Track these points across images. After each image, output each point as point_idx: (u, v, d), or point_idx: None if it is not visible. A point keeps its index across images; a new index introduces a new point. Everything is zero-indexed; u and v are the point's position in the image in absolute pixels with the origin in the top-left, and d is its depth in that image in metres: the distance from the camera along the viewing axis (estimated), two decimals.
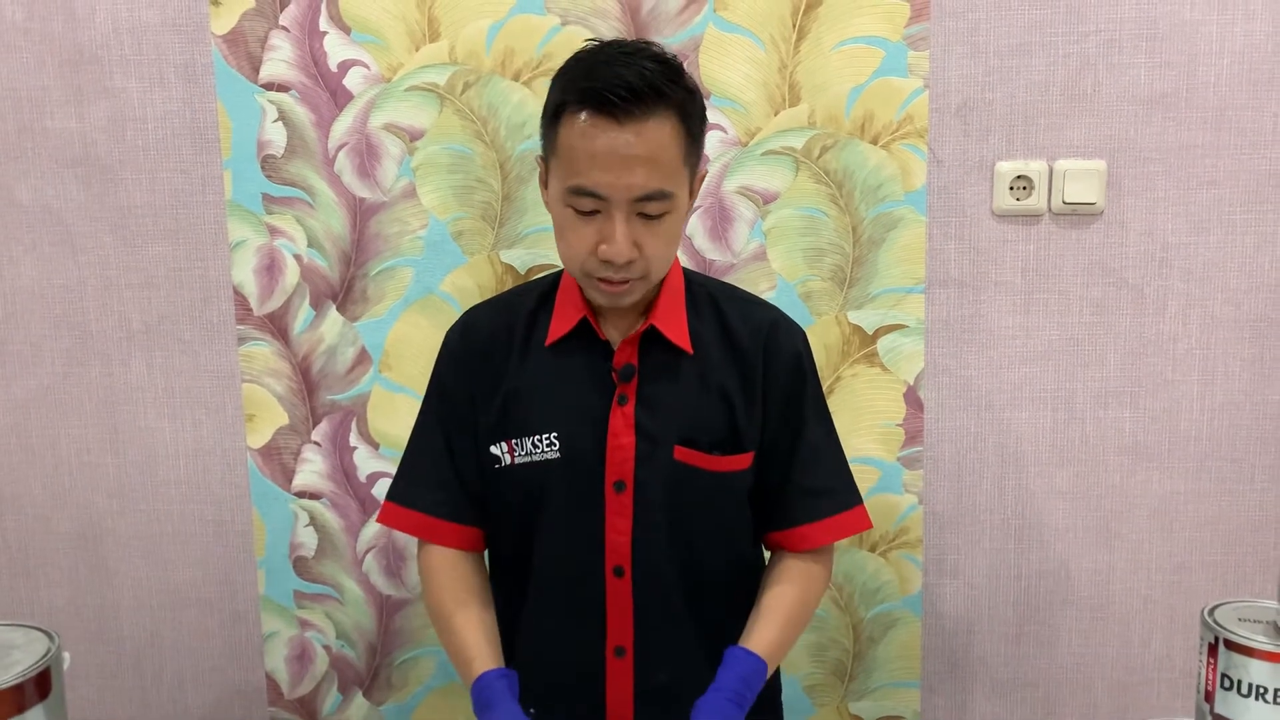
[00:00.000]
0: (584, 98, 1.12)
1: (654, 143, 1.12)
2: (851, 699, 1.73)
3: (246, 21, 1.58)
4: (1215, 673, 0.97)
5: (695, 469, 1.26)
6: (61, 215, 1.64)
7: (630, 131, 1.11)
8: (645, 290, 1.22)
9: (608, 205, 1.14)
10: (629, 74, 1.11)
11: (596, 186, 1.13)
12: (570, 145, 1.14)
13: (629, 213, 1.14)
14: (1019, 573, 1.69)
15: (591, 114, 1.11)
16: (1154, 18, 1.55)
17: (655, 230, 1.16)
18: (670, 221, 1.17)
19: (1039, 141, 1.58)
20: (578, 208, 1.15)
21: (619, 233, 1.13)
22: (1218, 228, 1.60)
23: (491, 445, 1.28)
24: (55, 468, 1.71)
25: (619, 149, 1.11)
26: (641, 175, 1.12)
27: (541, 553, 1.29)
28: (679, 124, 1.15)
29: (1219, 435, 1.65)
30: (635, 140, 1.11)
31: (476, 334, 1.31)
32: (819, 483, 1.30)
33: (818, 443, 1.31)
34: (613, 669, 1.28)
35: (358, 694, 1.75)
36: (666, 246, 1.19)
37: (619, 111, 1.10)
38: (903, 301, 1.62)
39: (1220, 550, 1.68)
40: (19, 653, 0.92)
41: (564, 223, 1.18)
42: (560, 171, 1.16)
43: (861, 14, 1.55)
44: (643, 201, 1.14)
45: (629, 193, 1.12)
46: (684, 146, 1.16)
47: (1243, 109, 1.56)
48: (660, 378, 1.26)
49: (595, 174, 1.12)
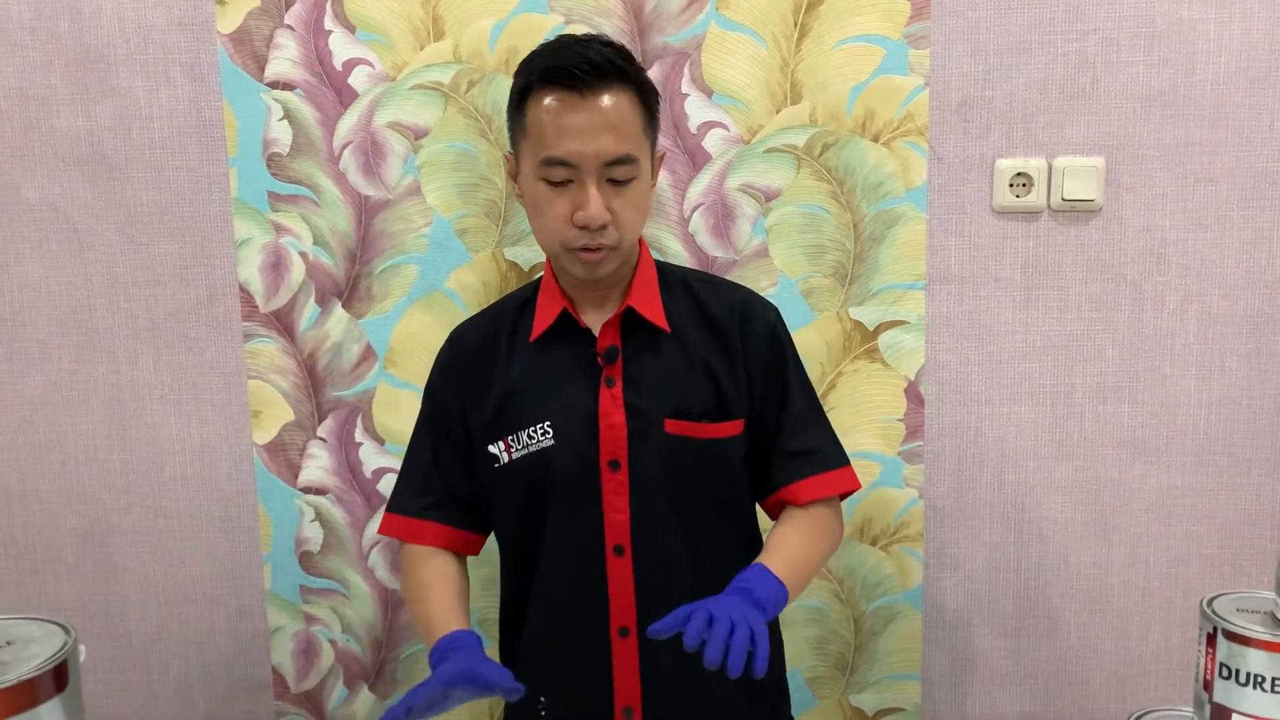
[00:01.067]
0: (548, 76, 1.21)
1: (616, 112, 1.21)
2: (852, 691, 1.74)
3: (252, 20, 1.59)
4: (1214, 662, 0.98)
5: (688, 439, 1.29)
6: (68, 213, 1.65)
7: (594, 102, 1.20)
8: (619, 261, 1.28)
9: (579, 173, 1.22)
10: (588, 53, 1.21)
11: (568, 155, 1.21)
12: (539, 122, 1.22)
13: (599, 178, 1.22)
14: (1019, 566, 1.71)
15: (557, 90, 1.21)
16: (1152, 16, 1.56)
17: (624, 196, 1.24)
18: (637, 188, 1.25)
19: (1038, 139, 1.60)
20: (550, 179, 1.23)
21: (592, 196, 1.21)
22: (1215, 224, 1.61)
23: (489, 446, 1.32)
24: (62, 464, 1.72)
25: (586, 118, 1.20)
26: (609, 141, 1.21)
27: (546, 540, 1.32)
28: (636, 98, 1.24)
29: (1216, 430, 1.66)
30: (600, 109, 1.20)
31: (464, 346, 1.38)
32: (806, 445, 1.35)
33: (802, 409, 1.37)
34: (618, 650, 1.30)
35: (363, 688, 1.76)
36: (635, 214, 1.26)
37: (582, 85, 1.20)
38: (903, 298, 1.63)
39: (1218, 543, 1.69)
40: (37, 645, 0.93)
41: (538, 199, 1.25)
42: (531, 150, 1.24)
43: (862, 12, 1.56)
44: (612, 166, 1.22)
45: (598, 158, 1.21)
46: (642, 119, 1.25)
47: (1240, 106, 1.58)
48: (643, 356, 1.31)
49: (566, 143, 1.20)
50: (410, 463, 1.40)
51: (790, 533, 1.31)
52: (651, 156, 1.29)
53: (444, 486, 1.36)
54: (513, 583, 1.37)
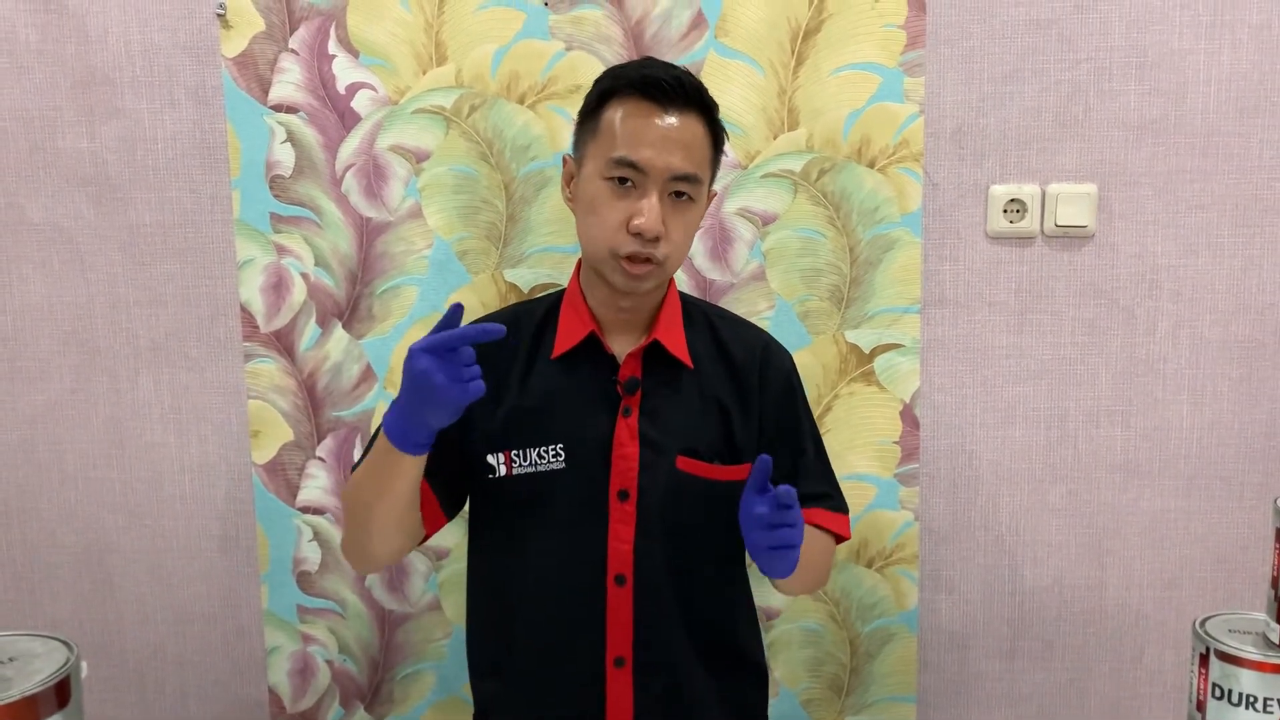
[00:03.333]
0: (635, 84, 1.24)
1: (691, 132, 1.24)
2: (848, 713, 1.74)
3: (256, 44, 1.61)
4: (1206, 683, 0.99)
5: (696, 478, 1.29)
6: (72, 234, 1.66)
7: (674, 117, 1.24)
8: (659, 281, 1.29)
9: (644, 180, 1.23)
10: (678, 74, 1.24)
11: (640, 159, 1.22)
12: (615, 123, 1.24)
13: (663, 191, 1.23)
14: (1013, 588, 1.72)
15: (641, 98, 1.24)
16: (1143, 46, 1.59)
17: (681, 216, 1.25)
18: (692, 212, 1.27)
19: (1032, 166, 1.62)
20: (616, 177, 1.23)
21: (653, 205, 1.22)
22: (1206, 251, 1.63)
23: (488, 455, 1.30)
24: (62, 483, 1.72)
25: (664, 130, 1.23)
26: (680, 156, 1.22)
27: (539, 564, 1.30)
28: (708, 128, 1.27)
29: (1208, 453, 1.68)
30: (677, 125, 1.23)
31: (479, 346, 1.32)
32: (816, 490, 1.38)
33: (812, 459, 1.40)
34: (612, 679, 1.29)
35: (359, 708, 1.76)
36: (686, 236, 1.28)
37: (666, 101, 1.23)
38: (899, 321, 1.65)
39: (1210, 566, 1.70)
40: (39, 662, 0.93)
41: (597, 199, 1.25)
42: (600, 149, 1.25)
43: (859, 41, 1.59)
44: (677, 181, 1.23)
45: (667, 170, 1.22)
46: (710, 148, 1.28)
47: (1230, 135, 1.60)
48: (662, 390, 1.31)
49: (640, 148, 1.22)
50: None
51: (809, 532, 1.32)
52: (708, 189, 1.31)
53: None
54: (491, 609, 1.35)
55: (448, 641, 1.73)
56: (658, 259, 1.24)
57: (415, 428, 1.14)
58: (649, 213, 1.22)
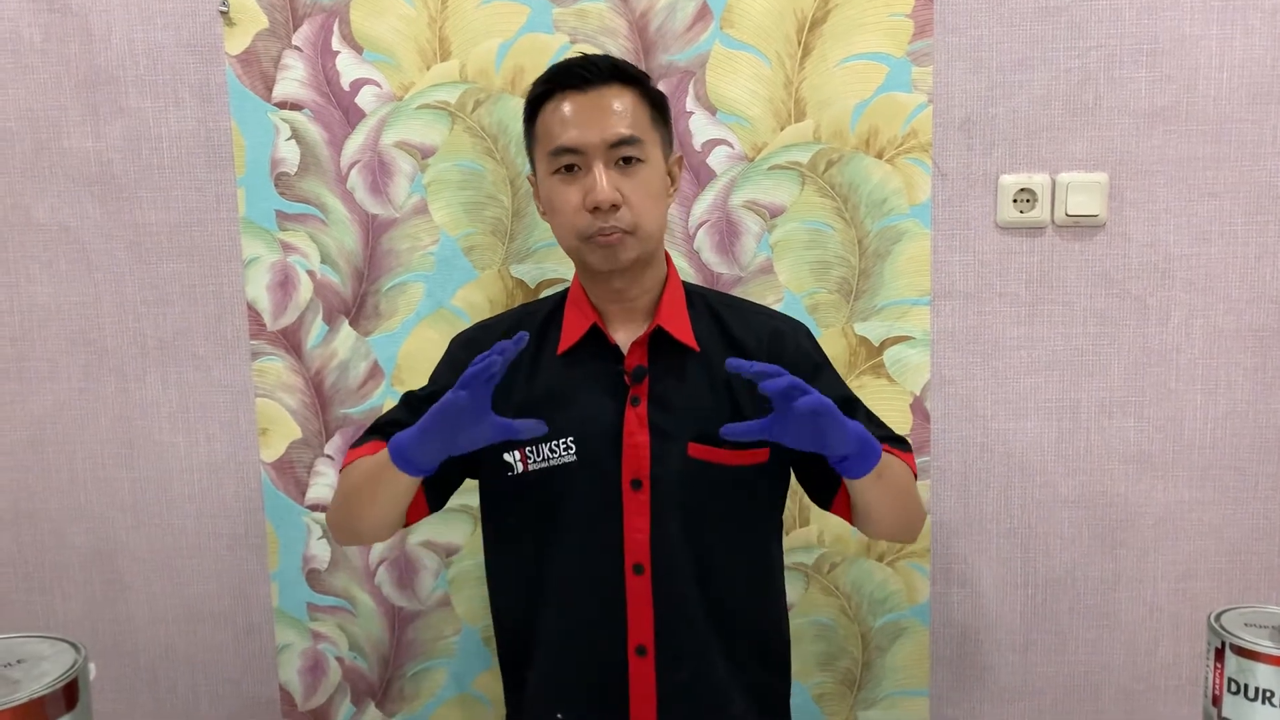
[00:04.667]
0: (551, 80, 1.29)
1: (618, 101, 1.27)
2: (860, 708, 1.74)
3: (260, 41, 1.60)
4: (1222, 677, 0.98)
5: (709, 464, 1.29)
6: (78, 233, 1.66)
7: (595, 94, 1.26)
8: (640, 250, 1.28)
9: (585, 159, 1.25)
10: (590, 58, 1.30)
11: (571, 141, 1.25)
12: (546, 121, 1.28)
13: (606, 160, 1.25)
14: (1025, 581, 1.71)
15: (560, 90, 1.27)
16: (1154, 33, 1.57)
17: (633, 179, 1.27)
18: (646, 173, 1.28)
19: (1041, 155, 1.60)
20: (561, 167, 1.26)
21: (599, 176, 1.24)
22: (1219, 239, 1.62)
23: (504, 454, 1.31)
24: (71, 482, 1.73)
25: (588, 106, 1.26)
26: (611, 123, 1.25)
27: (560, 557, 1.31)
28: (639, 95, 1.29)
29: (1222, 444, 1.66)
30: (601, 98, 1.26)
31: (484, 348, 1.32)
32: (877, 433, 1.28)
33: (864, 419, 1.32)
34: (635, 669, 1.30)
35: (370, 705, 1.76)
36: (647, 198, 1.28)
37: (581, 81, 1.27)
38: (908, 313, 1.64)
39: (1225, 558, 1.69)
40: (47, 664, 0.93)
41: (552, 196, 1.29)
42: (542, 151, 1.29)
43: (866, 31, 1.57)
44: (617, 148, 1.25)
45: (603, 141, 1.25)
46: (648, 112, 1.30)
47: (1243, 122, 1.58)
48: (670, 377, 1.31)
49: (569, 131, 1.26)
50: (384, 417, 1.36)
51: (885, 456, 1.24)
52: (663, 149, 1.32)
53: None
54: (517, 594, 1.36)
55: (458, 638, 1.73)
56: (624, 227, 1.26)
57: (428, 458, 1.18)
58: (596, 185, 1.24)
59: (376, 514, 1.27)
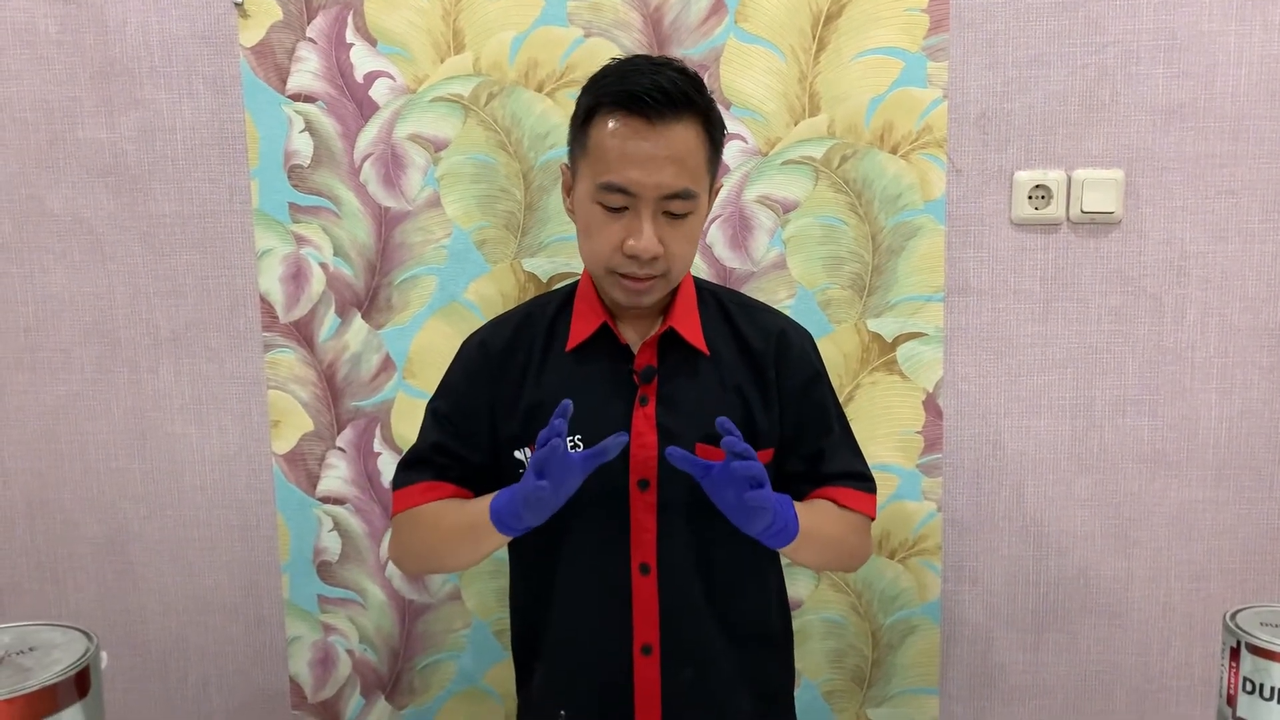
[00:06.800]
0: (618, 100, 1.18)
1: (682, 145, 1.18)
2: (870, 705, 1.73)
3: (274, 34, 1.60)
4: (1238, 677, 0.97)
5: None
6: (92, 224, 1.67)
7: (661, 133, 1.17)
8: (665, 291, 1.27)
9: (636, 202, 1.19)
10: (661, 80, 1.17)
11: (628, 183, 1.18)
12: (602, 144, 1.19)
13: (655, 210, 1.20)
14: (1037, 579, 1.70)
15: (625, 115, 1.18)
16: (1172, 28, 1.56)
17: (679, 229, 1.22)
18: (692, 223, 1.23)
19: (1057, 151, 1.59)
20: (607, 204, 1.20)
21: (646, 228, 1.19)
22: (1236, 236, 1.60)
23: (515, 452, 1.31)
24: (84, 473, 1.73)
25: (650, 148, 1.17)
26: (670, 174, 1.18)
27: (567, 555, 1.31)
28: (703, 131, 1.21)
29: (1237, 443, 1.65)
30: (665, 141, 1.18)
31: (494, 350, 1.34)
32: (846, 468, 1.37)
33: (839, 439, 1.38)
34: (640, 667, 1.29)
35: (380, 698, 1.76)
36: (687, 247, 1.25)
37: (651, 113, 1.17)
38: (922, 310, 1.63)
39: (1239, 557, 1.68)
40: (59, 651, 0.93)
41: (591, 221, 1.23)
42: (590, 171, 1.21)
43: (881, 25, 1.57)
44: (669, 200, 1.19)
45: (658, 190, 1.18)
46: (707, 152, 1.23)
47: (1260, 118, 1.57)
48: (679, 378, 1.30)
49: (627, 171, 1.18)
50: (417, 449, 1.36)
51: (826, 506, 1.32)
52: (710, 189, 1.27)
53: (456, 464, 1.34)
54: (529, 591, 1.37)
55: (468, 632, 1.73)
56: (658, 274, 1.23)
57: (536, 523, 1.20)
58: (644, 237, 1.19)
59: (475, 559, 1.30)
